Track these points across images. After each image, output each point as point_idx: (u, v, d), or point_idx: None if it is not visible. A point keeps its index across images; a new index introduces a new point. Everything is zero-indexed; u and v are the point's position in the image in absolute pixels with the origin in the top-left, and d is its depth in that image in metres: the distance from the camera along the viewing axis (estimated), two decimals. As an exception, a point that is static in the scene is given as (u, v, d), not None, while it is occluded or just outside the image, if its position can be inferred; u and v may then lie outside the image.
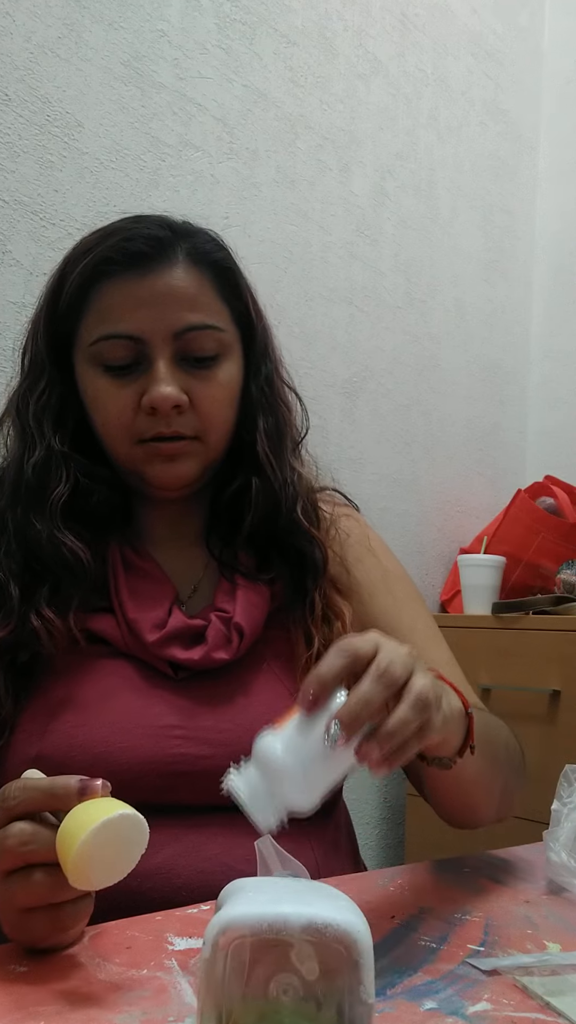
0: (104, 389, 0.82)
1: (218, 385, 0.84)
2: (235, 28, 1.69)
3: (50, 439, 0.84)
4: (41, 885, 0.54)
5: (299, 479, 0.91)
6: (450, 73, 2.18)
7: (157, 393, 0.80)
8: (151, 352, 0.81)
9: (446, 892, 0.73)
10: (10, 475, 0.86)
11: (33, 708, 0.78)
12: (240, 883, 0.48)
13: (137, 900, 0.69)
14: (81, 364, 0.84)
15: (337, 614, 0.87)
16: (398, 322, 2.04)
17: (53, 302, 0.86)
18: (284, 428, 0.92)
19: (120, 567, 0.85)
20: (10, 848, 0.54)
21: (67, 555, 0.81)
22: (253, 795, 0.55)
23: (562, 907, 0.70)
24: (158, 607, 0.82)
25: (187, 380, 0.82)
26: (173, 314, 0.81)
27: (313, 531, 0.89)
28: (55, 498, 0.82)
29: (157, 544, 0.89)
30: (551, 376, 2.35)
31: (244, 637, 0.82)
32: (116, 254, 0.82)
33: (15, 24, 1.36)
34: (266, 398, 0.90)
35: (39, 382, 0.86)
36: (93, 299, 0.82)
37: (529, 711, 1.67)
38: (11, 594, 0.80)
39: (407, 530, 2.06)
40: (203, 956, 0.42)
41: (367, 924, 0.43)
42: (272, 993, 0.42)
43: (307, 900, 0.44)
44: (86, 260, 0.83)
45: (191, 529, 0.91)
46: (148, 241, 0.82)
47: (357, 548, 0.94)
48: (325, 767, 0.55)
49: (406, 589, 0.95)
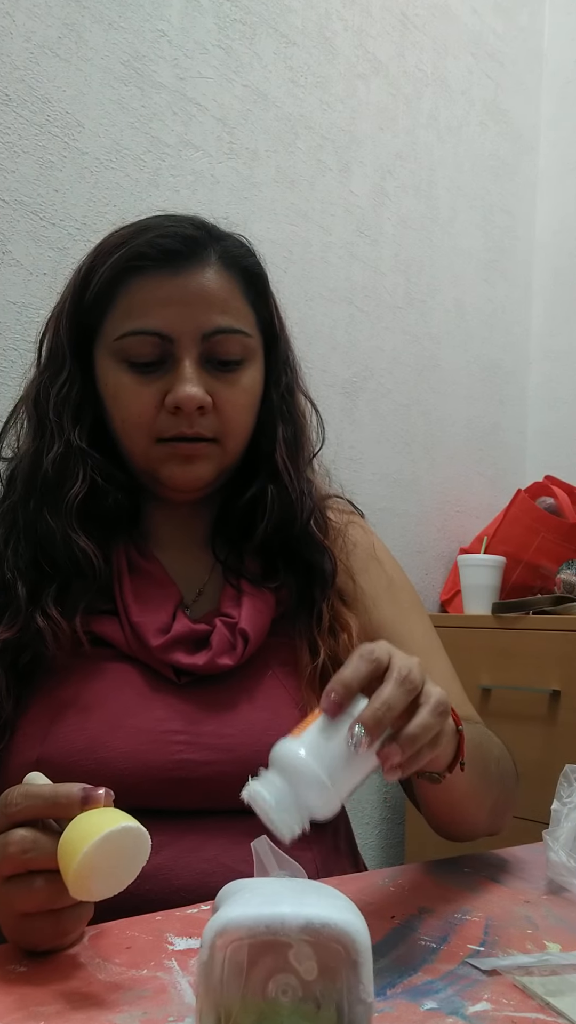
0: (127, 386, 0.82)
1: (241, 390, 0.84)
2: (235, 28, 1.69)
3: (69, 434, 0.83)
4: (41, 892, 0.54)
5: (314, 490, 0.91)
6: (450, 73, 2.18)
7: (183, 392, 0.79)
8: (178, 352, 0.81)
9: (446, 892, 0.73)
10: (25, 470, 0.84)
11: (35, 711, 0.78)
12: (238, 884, 0.48)
13: (136, 901, 0.69)
14: (103, 359, 0.83)
15: (343, 626, 0.86)
16: (398, 322, 2.04)
17: (80, 294, 0.84)
18: (302, 439, 0.92)
19: (125, 569, 0.84)
20: (11, 855, 0.54)
21: (79, 556, 0.80)
22: (279, 802, 0.54)
23: (562, 907, 0.70)
24: (162, 611, 0.82)
25: (211, 383, 0.82)
26: (203, 315, 0.81)
27: (325, 542, 0.89)
28: (71, 497, 0.81)
29: (163, 546, 0.89)
30: (551, 376, 2.35)
31: (249, 643, 0.81)
32: (150, 249, 0.81)
33: (15, 24, 1.36)
34: (286, 407, 0.90)
35: (60, 374, 0.85)
36: (122, 293, 0.82)
37: (529, 711, 1.67)
38: (18, 593, 0.79)
39: (407, 530, 2.06)
40: (201, 958, 0.42)
41: (365, 923, 0.43)
42: (271, 994, 0.42)
43: (305, 900, 0.44)
44: (119, 253, 0.82)
45: (198, 532, 0.91)
46: (183, 240, 0.82)
47: (363, 557, 0.94)
48: (349, 770, 0.55)
49: (409, 599, 0.95)
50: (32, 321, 1.34)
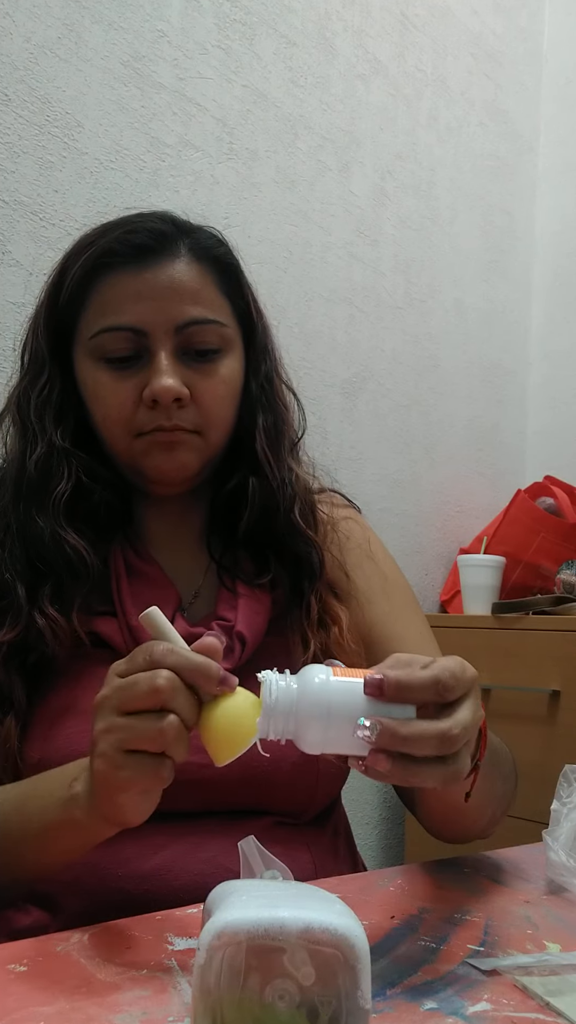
0: (104, 383, 0.82)
1: (219, 380, 0.84)
2: (235, 28, 1.69)
3: (51, 435, 0.84)
4: (175, 728, 0.55)
5: (296, 480, 0.90)
6: (450, 73, 2.18)
7: (159, 385, 0.79)
8: (152, 345, 0.81)
9: (446, 892, 0.73)
10: (11, 473, 0.85)
11: (39, 712, 0.78)
12: (229, 886, 0.47)
13: (136, 902, 0.69)
14: (81, 358, 0.84)
15: (334, 619, 0.86)
16: (398, 322, 2.04)
17: (54, 296, 0.85)
18: (283, 427, 0.91)
19: (123, 571, 0.84)
20: (159, 687, 0.55)
21: (69, 553, 0.81)
22: (277, 700, 0.54)
23: (562, 907, 0.70)
24: None
25: (188, 374, 0.82)
26: (175, 307, 0.81)
27: (310, 533, 0.88)
28: (57, 495, 0.82)
29: (159, 546, 0.89)
30: (551, 376, 2.35)
31: (246, 646, 0.81)
32: (119, 246, 0.81)
33: (15, 24, 1.36)
34: (266, 396, 0.90)
35: (39, 377, 0.85)
36: (94, 292, 0.82)
37: (529, 711, 1.67)
38: (18, 595, 0.80)
39: (407, 530, 2.06)
40: (197, 961, 0.42)
41: (363, 928, 0.43)
42: (268, 998, 0.42)
43: (302, 904, 0.43)
44: (88, 252, 0.82)
45: (192, 530, 0.91)
46: (151, 234, 0.82)
47: (357, 552, 0.93)
48: (343, 738, 0.54)
49: (404, 596, 0.94)
50: (32, 321, 1.34)
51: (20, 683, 0.78)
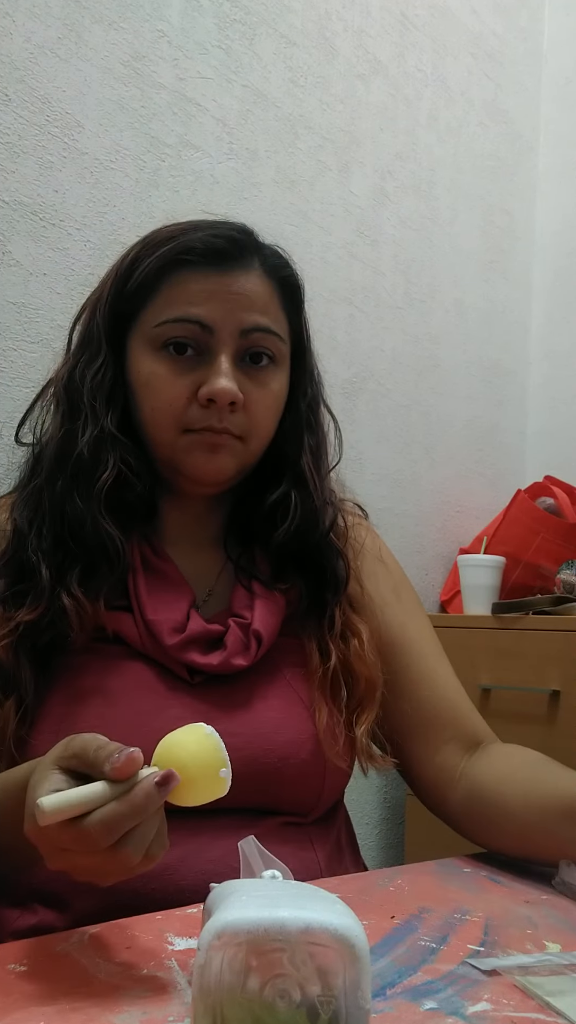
0: (160, 374, 0.83)
1: (270, 392, 0.86)
2: (235, 28, 1.69)
3: (103, 419, 0.84)
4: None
5: (338, 502, 0.93)
6: (450, 73, 2.18)
7: (219, 386, 0.81)
8: (216, 344, 0.82)
9: (446, 892, 0.73)
10: (52, 450, 0.85)
11: (50, 704, 0.78)
12: (229, 886, 0.47)
13: (141, 900, 0.69)
14: (138, 347, 0.85)
15: (355, 632, 0.88)
16: (398, 322, 2.04)
17: (122, 282, 0.86)
18: (324, 449, 0.94)
19: (140, 566, 0.85)
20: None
21: (107, 541, 0.81)
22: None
23: (562, 907, 0.70)
24: (176, 610, 0.83)
25: (243, 380, 0.83)
26: (244, 312, 0.83)
27: (343, 549, 0.91)
28: (101, 482, 0.82)
29: (175, 544, 0.89)
30: (551, 376, 2.35)
31: (262, 644, 0.82)
32: (200, 246, 0.83)
33: (15, 24, 1.36)
34: (313, 417, 0.93)
35: (95, 360, 0.86)
36: (167, 283, 0.83)
37: (529, 711, 1.67)
38: (42, 576, 0.80)
39: (407, 530, 2.06)
40: (197, 961, 0.42)
41: (363, 929, 0.43)
42: (268, 998, 0.42)
43: (303, 904, 0.43)
44: (168, 246, 0.84)
45: (210, 531, 0.92)
46: (231, 242, 0.84)
47: (370, 560, 0.95)
48: None
49: (414, 602, 0.97)
50: (32, 321, 1.34)
51: (28, 667, 0.78)
